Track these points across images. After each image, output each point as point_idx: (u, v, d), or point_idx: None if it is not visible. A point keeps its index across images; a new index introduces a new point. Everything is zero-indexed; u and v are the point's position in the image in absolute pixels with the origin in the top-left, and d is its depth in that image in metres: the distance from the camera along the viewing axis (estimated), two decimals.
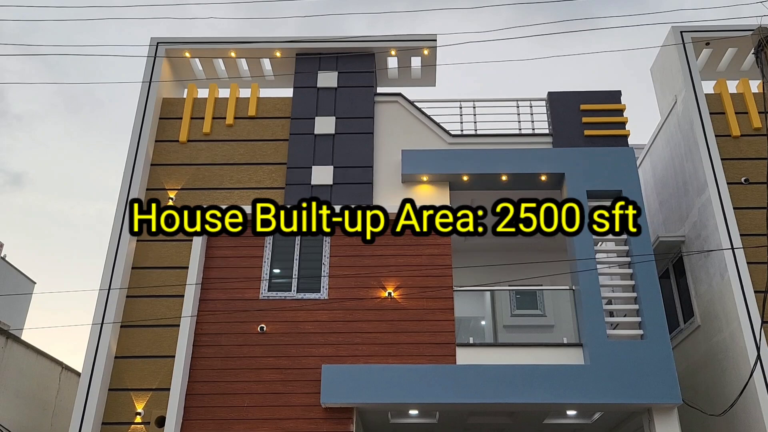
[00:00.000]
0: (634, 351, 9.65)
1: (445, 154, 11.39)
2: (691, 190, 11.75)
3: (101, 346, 10.00)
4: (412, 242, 10.88)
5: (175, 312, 10.37)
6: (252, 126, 12.05)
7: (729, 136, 11.51)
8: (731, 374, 10.26)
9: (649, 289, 10.14)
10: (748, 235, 10.60)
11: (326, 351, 10.14)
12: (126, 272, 10.65)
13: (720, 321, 10.68)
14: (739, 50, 12.76)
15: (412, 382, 9.54)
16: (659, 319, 9.89)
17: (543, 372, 9.53)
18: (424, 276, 10.60)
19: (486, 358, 10.01)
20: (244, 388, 9.93)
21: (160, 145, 11.89)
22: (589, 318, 9.95)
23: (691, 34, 12.31)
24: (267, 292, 10.65)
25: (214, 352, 10.21)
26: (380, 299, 10.50)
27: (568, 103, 11.97)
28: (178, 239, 10.92)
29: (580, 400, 9.41)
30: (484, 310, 11.32)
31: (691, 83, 11.86)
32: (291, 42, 12.57)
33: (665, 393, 9.31)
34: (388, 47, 12.48)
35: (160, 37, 12.68)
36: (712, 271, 10.92)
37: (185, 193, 11.41)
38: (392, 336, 10.22)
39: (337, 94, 12.20)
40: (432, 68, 13.00)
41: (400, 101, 12.13)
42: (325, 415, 9.68)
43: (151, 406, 9.83)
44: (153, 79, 12.19)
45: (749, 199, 10.94)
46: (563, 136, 11.71)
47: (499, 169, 11.19)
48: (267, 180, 11.51)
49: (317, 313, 10.41)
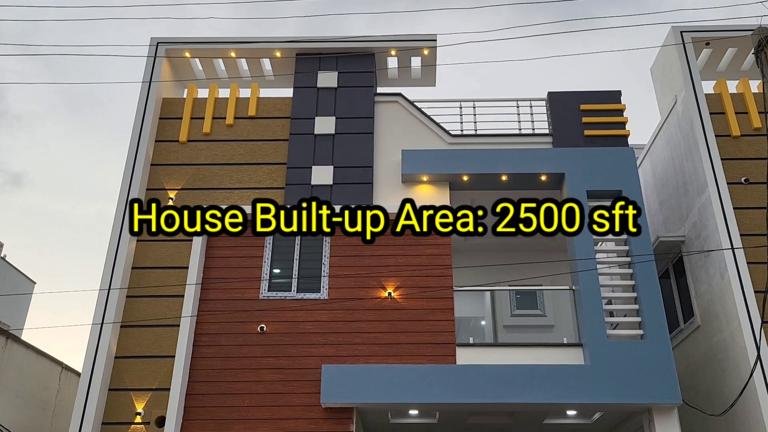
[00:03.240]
0: (634, 351, 9.65)
1: (445, 154, 11.39)
2: (691, 190, 11.75)
3: (101, 346, 10.01)
4: (412, 242, 10.89)
5: (175, 312, 10.38)
6: (252, 126, 12.06)
7: (729, 136, 11.51)
8: (731, 374, 10.26)
9: (649, 289, 10.14)
10: (748, 235, 10.60)
11: (326, 351, 10.14)
12: (126, 272, 10.65)
13: (720, 321, 10.68)
14: (739, 50, 12.76)
15: (412, 382, 9.54)
16: (659, 319, 9.89)
17: (543, 372, 9.53)
18: (424, 276, 10.60)
19: (486, 358, 10.01)
20: (244, 388, 9.93)
21: (160, 145, 11.89)
22: (589, 318, 9.95)
23: (691, 34, 12.31)
24: (267, 292, 10.65)
25: (214, 352, 10.22)
26: (380, 299, 10.50)
27: (568, 103, 11.97)
28: (178, 239, 10.93)
29: (580, 400, 9.41)
30: (484, 310, 11.32)
31: (691, 83, 11.86)
32: (291, 42, 12.57)
33: (665, 393, 9.32)
34: (388, 47, 12.48)
35: (160, 37, 12.68)
36: (712, 271, 10.92)
37: (185, 193, 11.41)
38: (392, 336, 10.22)
39: (337, 94, 12.20)
40: (432, 68, 13.00)
41: (400, 101, 12.13)
42: (325, 415, 9.68)
43: (151, 406, 9.83)
44: (153, 79, 12.20)
45: (749, 199, 10.94)
46: (563, 136, 11.71)
47: (499, 169, 11.19)
48: (267, 180, 11.51)
49: (317, 313, 10.41)
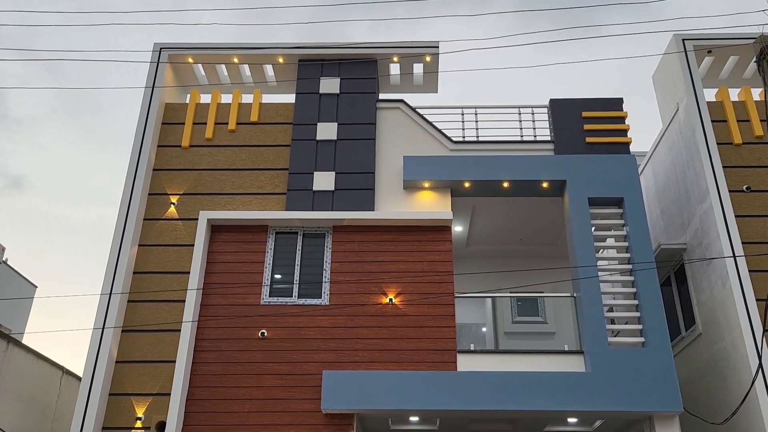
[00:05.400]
0: (635, 358, 9.63)
1: (446, 161, 11.40)
2: (692, 197, 11.75)
3: (102, 350, 10.00)
4: (414, 249, 10.89)
5: (176, 317, 10.37)
6: (254, 131, 12.07)
7: (731, 144, 11.51)
8: (732, 382, 10.24)
9: (651, 297, 10.13)
10: (750, 243, 10.59)
11: (327, 357, 10.13)
12: (127, 277, 10.66)
13: (721, 329, 10.66)
14: (740, 58, 12.78)
15: (413, 388, 9.53)
16: (660, 327, 9.87)
17: (544, 379, 9.52)
18: (426, 282, 10.60)
19: (487, 364, 10.00)
20: (244, 393, 9.92)
21: (163, 150, 11.91)
22: (591, 325, 9.93)
23: (693, 42, 12.34)
24: (268, 298, 10.65)
25: (215, 357, 10.21)
26: (381, 305, 10.49)
27: (569, 110, 11.99)
28: (180, 244, 10.94)
29: (581, 407, 9.39)
30: (485, 317, 11.32)
31: (693, 91, 11.88)
32: (293, 48, 12.60)
33: (666, 401, 9.30)
34: (391, 54, 12.52)
35: (163, 42, 12.72)
36: (713, 278, 10.91)
37: (187, 198, 11.42)
38: (393, 342, 10.21)
39: (339, 100, 12.23)
40: (434, 75, 13.03)
41: (402, 107, 12.15)
42: (326, 421, 9.67)
43: (152, 410, 9.82)
44: (156, 85, 12.23)
45: (751, 206, 10.94)
46: (565, 143, 11.72)
47: (500, 175, 11.19)
48: (269, 185, 11.52)
49: (318, 318, 10.41)
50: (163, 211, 11.33)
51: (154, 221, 11.24)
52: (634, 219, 10.72)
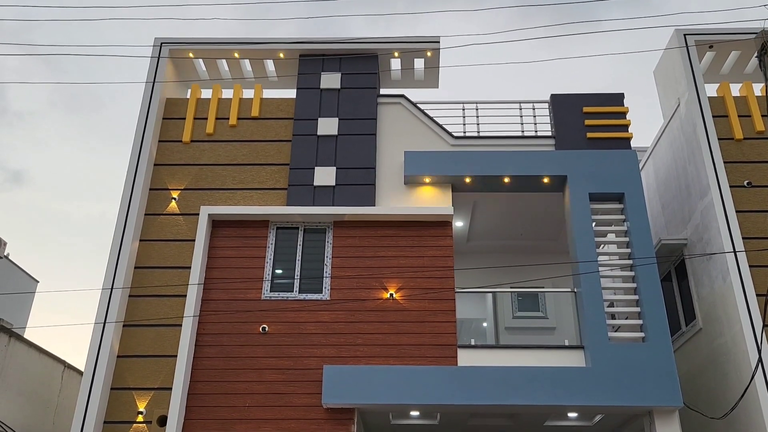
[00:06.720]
0: (635, 353, 9.65)
1: (447, 156, 11.40)
2: (693, 193, 11.75)
3: (104, 345, 10.03)
4: (415, 244, 10.90)
5: (177, 312, 10.40)
6: (255, 127, 12.07)
7: (732, 139, 11.51)
8: (732, 377, 10.26)
9: (651, 292, 10.14)
10: (751, 238, 10.60)
11: (328, 352, 10.16)
12: (129, 272, 10.67)
13: (722, 324, 10.68)
14: (742, 53, 12.75)
15: (414, 383, 9.55)
16: (661, 322, 9.89)
17: (544, 374, 9.54)
18: (426, 277, 10.61)
19: (487, 359, 10.02)
20: (245, 388, 9.95)
21: (164, 145, 11.91)
22: (591, 320, 9.95)
23: (695, 37, 12.32)
24: (269, 293, 10.67)
25: (216, 352, 10.24)
26: (382, 300, 10.51)
27: (570, 106, 11.97)
28: (181, 239, 10.96)
29: (581, 402, 9.42)
30: (485, 312, 11.33)
31: (694, 86, 11.86)
32: (294, 43, 12.59)
33: (666, 396, 9.32)
34: (392, 49, 12.50)
35: (164, 37, 12.71)
36: (714, 274, 10.93)
37: (188, 193, 11.43)
38: (394, 337, 10.24)
39: (340, 95, 12.22)
40: (435, 70, 13.02)
41: (403, 103, 12.14)
42: (327, 415, 9.70)
43: (153, 405, 9.85)
44: (156, 80, 12.22)
45: (752, 202, 10.95)
46: (566, 138, 11.71)
47: (501, 171, 11.19)
48: (269, 181, 11.53)
49: (319, 313, 10.43)
50: (164, 206, 11.34)
51: (155, 216, 11.25)
52: (635, 214, 10.72)
